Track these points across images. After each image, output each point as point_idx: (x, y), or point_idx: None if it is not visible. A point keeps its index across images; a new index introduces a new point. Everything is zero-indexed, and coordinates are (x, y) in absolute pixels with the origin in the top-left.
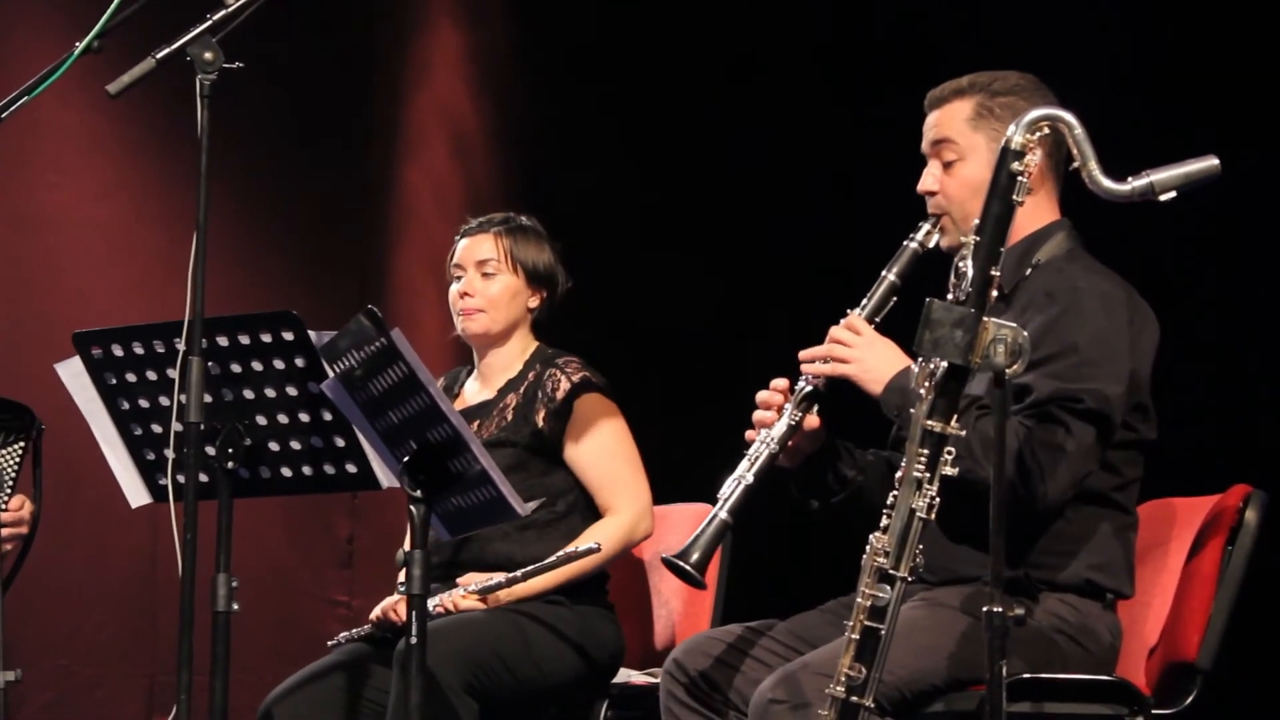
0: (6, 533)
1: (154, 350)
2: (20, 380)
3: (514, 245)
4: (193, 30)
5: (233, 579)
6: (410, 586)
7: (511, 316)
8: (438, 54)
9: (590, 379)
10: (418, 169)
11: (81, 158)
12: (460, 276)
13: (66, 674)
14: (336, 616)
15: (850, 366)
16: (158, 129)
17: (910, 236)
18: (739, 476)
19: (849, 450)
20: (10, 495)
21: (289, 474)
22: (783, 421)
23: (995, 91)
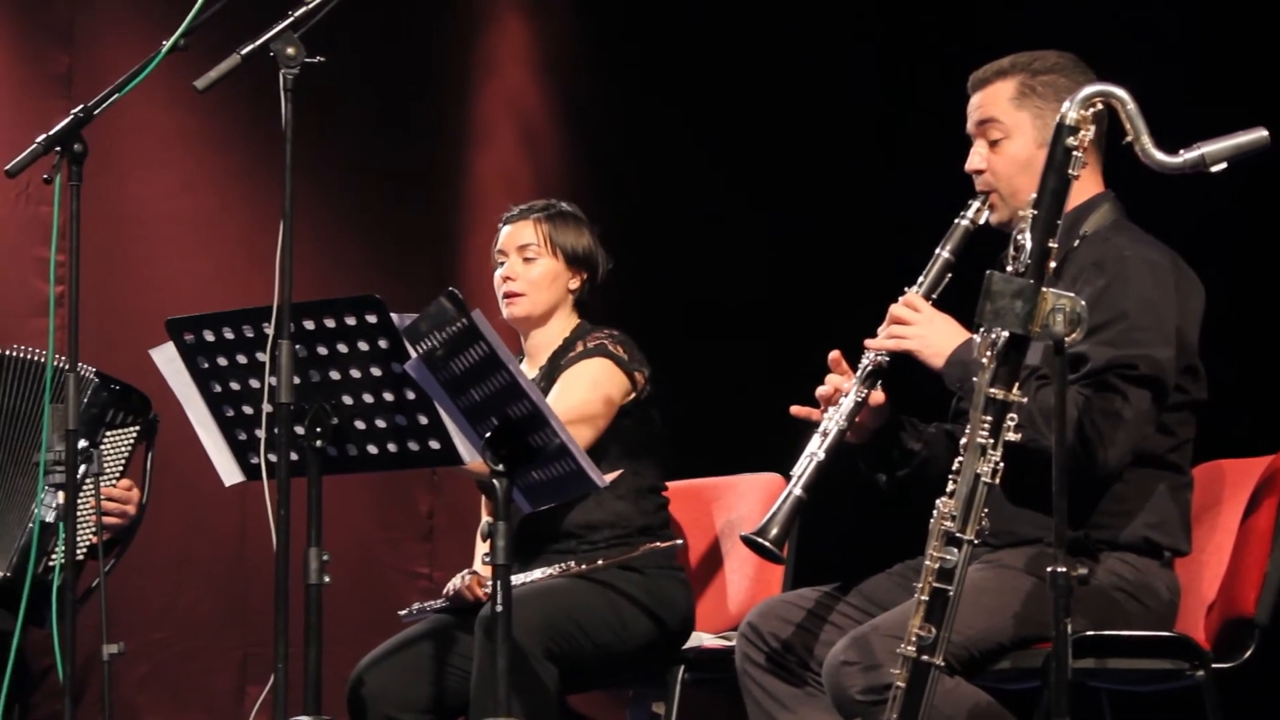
0: (114, 507)
1: (243, 335)
2: (112, 367)
3: (553, 230)
4: (276, 26)
5: (324, 553)
6: (495, 557)
7: (552, 299)
8: (504, 45)
9: (604, 346)
10: (487, 157)
11: (166, 152)
12: (503, 262)
13: (162, 647)
14: (418, 588)
15: (911, 342)
16: (239, 122)
17: (961, 214)
18: (811, 454)
19: (913, 424)
20: (120, 475)
21: (375, 451)
22: (849, 398)
23: (1036, 71)
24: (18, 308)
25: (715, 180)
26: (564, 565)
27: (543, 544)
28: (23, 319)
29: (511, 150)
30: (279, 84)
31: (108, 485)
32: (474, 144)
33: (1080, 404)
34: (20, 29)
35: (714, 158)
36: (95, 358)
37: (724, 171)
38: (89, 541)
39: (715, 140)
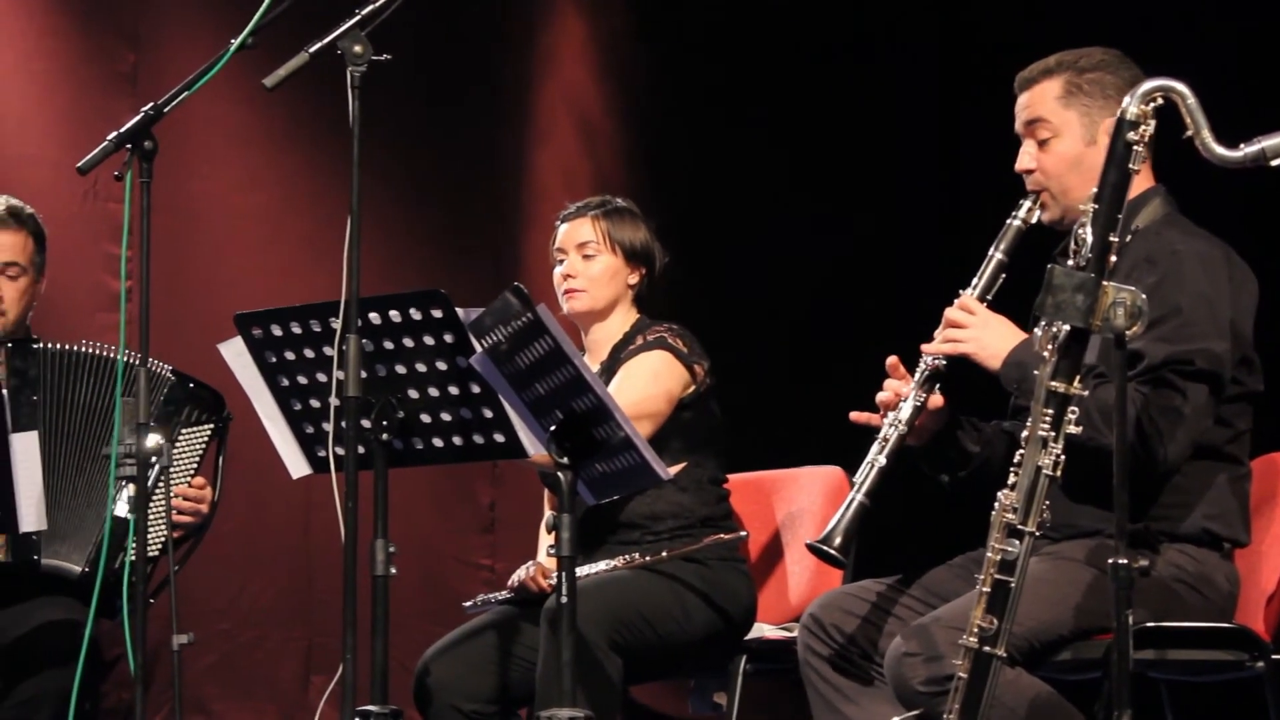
0: (188, 506)
1: (310, 329)
2: (178, 361)
3: (611, 227)
4: (343, 25)
5: (390, 545)
6: (559, 549)
7: (612, 294)
8: (563, 43)
9: (664, 339)
10: (547, 153)
11: (231, 149)
12: (562, 260)
13: (228, 637)
14: (480, 579)
15: (968, 345)
16: (303, 120)
17: (1013, 214)
18: (872, 460)
19: (972, 424)
20: (194, 473)
21: (440, 444)
22: (908, 403)
23: (1082, 69)
24: (86, 303)
25: (773, 175)
26: (628, 557)
27: (606, 536)
28: (91, 314)
29: (570, 147)
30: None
31: (181, 484)
32: (534, 141)
33: (1138, 401)
34: (87, 28)
35: (772, 154)
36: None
37: (782, 167)
38: (162, 538)
39: (773, 137)
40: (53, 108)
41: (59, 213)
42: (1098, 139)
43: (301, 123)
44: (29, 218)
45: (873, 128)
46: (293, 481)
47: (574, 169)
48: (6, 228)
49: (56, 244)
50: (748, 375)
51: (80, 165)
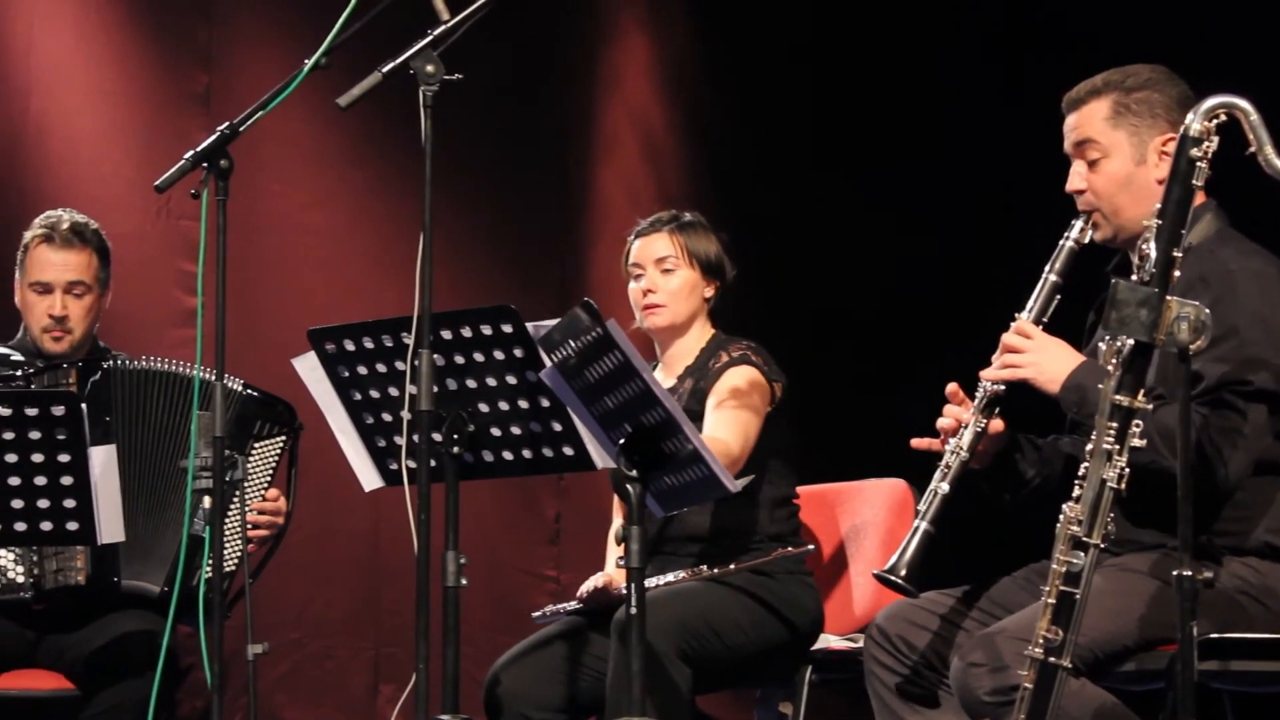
0: (265, 519)
1: (383, 344)
2: (248, 375)
3: (688, 241)
4: (415, 45)
5: (461, 556)
6: (629, 560)
7: (691, 308)
8: (627, 62)
9: (749, 356)
10: (611, 170)
11: (302, 167)
12: (639, 275)
13: (299, 647)
14: (545, 590)
15: (1026, 370)
16: (373, 138)
17: (1065, 235)
18: (935, 488)
19: (1031, 443)
20: (269, 486)
21: (510, 457)
22: (969, 429)
23: (1129, 88)
24: (159, 318)
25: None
26: (696, 569)
27: (676, 549)
28: (164, 329)
29: (634, 163)
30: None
31: (256, 498)
32: (598, 157)
33: (1197, 423)
34: (161, 50)
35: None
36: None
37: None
38: (238, 551)
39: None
40: (127, 128)
41: (133, 230)
42: (1147, 158)
43: (371, 141)
44: (93, 234)
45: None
46: (361, 494)
47: (638, 185)
48: (71, 247)
49: (130, 260)
50: (811, 389)
51: (158, 184)
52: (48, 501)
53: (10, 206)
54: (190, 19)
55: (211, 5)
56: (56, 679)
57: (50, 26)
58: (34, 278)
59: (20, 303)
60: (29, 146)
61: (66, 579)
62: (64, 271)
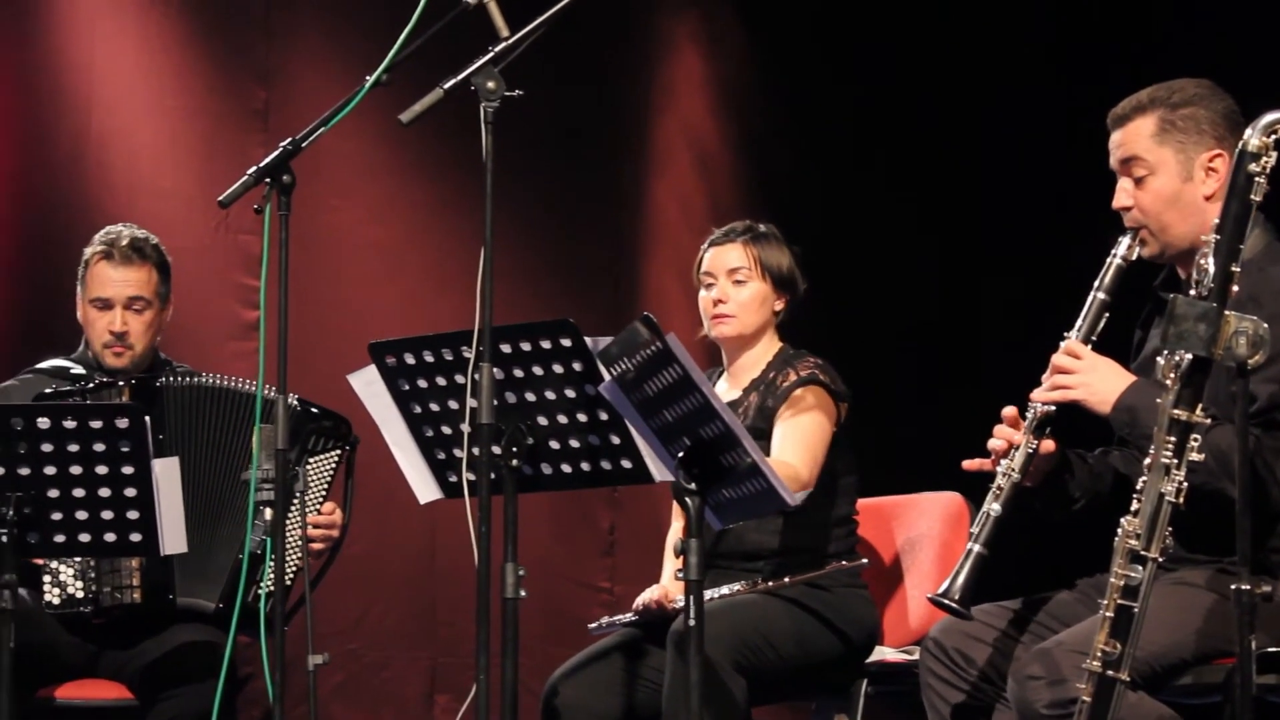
0: (319, 533)
1: (443, 358)
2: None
3: (761, 253)
4: (477, 61)
5: (519, 568)
6: (688, 573)
7: (760, 320)
8: (681, 77)
9: (817, 375)
10: (665, 184)
11: (359, 181)
12: (711, 284)
13: (355, 657)
14: (599, 602)
15: (1077, 391)
16: (429, 153)
17: (1112, 252)
18: (987, 510)
19: (1082, 459)
20: (324, 500)
21: (568, 470)
22: (1020, 450)
23: (1175, 104)
24: (218, 332)
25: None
26: (752, 581)
27: (732, 564)
28: (222, 343)
29: (688, 177)
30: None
31: (312, 512)
32: (652, 171)
33: (1251, 445)
34: (220, 66)
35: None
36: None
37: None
38: (295, 565)
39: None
40: (186, 143)
41: (191, 244)
42: (1194, 174)
43: (427, 155)
44: (152, 249)
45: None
46: (416, 506)
47: (691, 200)
48: (130, 263)
49: (189, 274)
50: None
51: (221, 199)
52: (111, 513)
53: (72, 221)
54: (249, 36)
55: (270, 22)
56: (118, 689)
57: (112, 44)
58: (94, 294)
59: (81, 318)
60: (90, 162)
61: (121, 597)
62: (124, 287)
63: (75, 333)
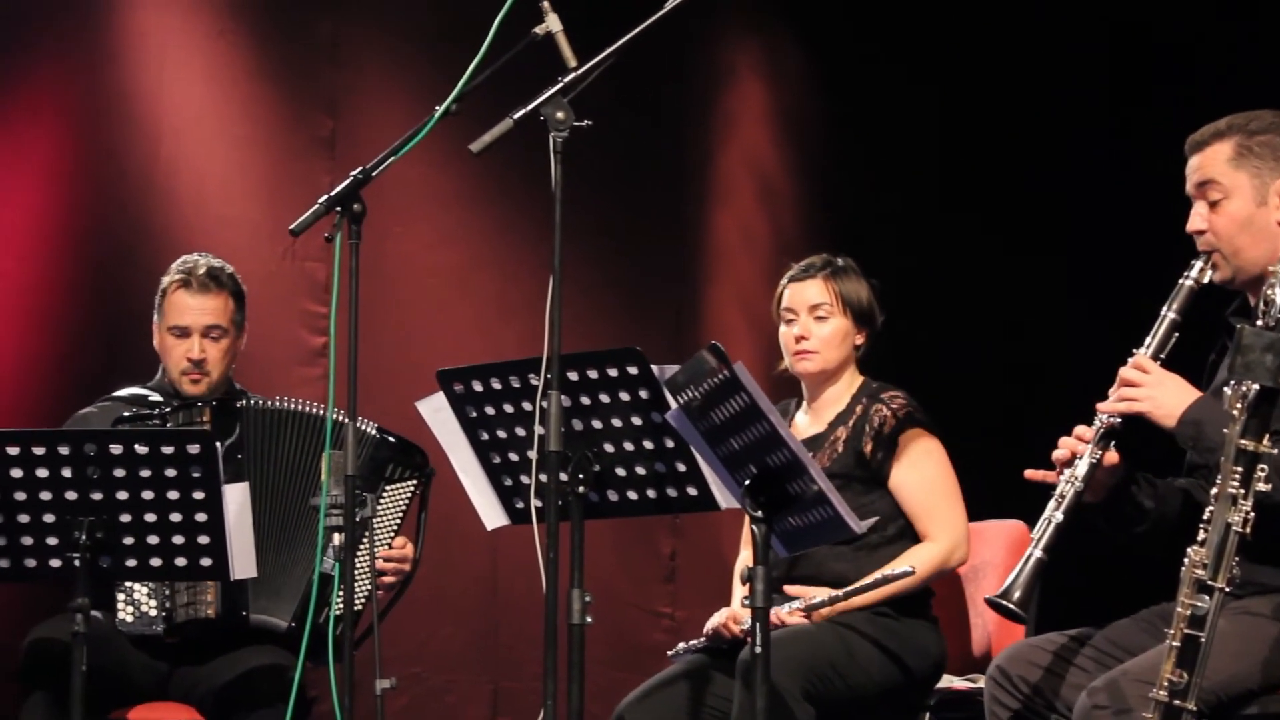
0: (390, 567)
1: (510, 385)
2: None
3: (842, 287)
4: (546, 91)
5: (586, 594)
6: (754, 600)
7: (842, 355)
8: (744, 108)
9: (913, 413)
10: (727, 214)
11: (423, 208)
12: (792, 320)
13: (419, 681)
14: (661, 627)
15: (1143, 404)
16: (493, 180)
17: (1184, 274)
18: (1049, 516)
19: (1148, 481)
20: (397, 530)
21: (634, 497)
22: (1084, 460)
23: (1252, 131)
24: (285, 358)
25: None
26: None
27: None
28: (289, 368)
29: (750, 206)
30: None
31: (386, 538)
32: (714, 200)
33: None
34: (288, 96)
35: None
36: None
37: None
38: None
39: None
40: (254, 172)
41: (259, 271)
42: (1268, 200)
43: (491, 182)
44: (228, 278)
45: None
46: (479, 531)
47: (753, 229)
48: (208, 291)
49: (256, 302)
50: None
51: (293, 227)
52: (182, 538)
53: (141, 249)
54: (316, 65)
55: (337, 51)
56: (188, 711)
57: (180, 73)
58: (172, 322)
59: (159, 346)
60: (159, 190)
61: (196, 612)
62: (201, 315)
63: (150, 361)
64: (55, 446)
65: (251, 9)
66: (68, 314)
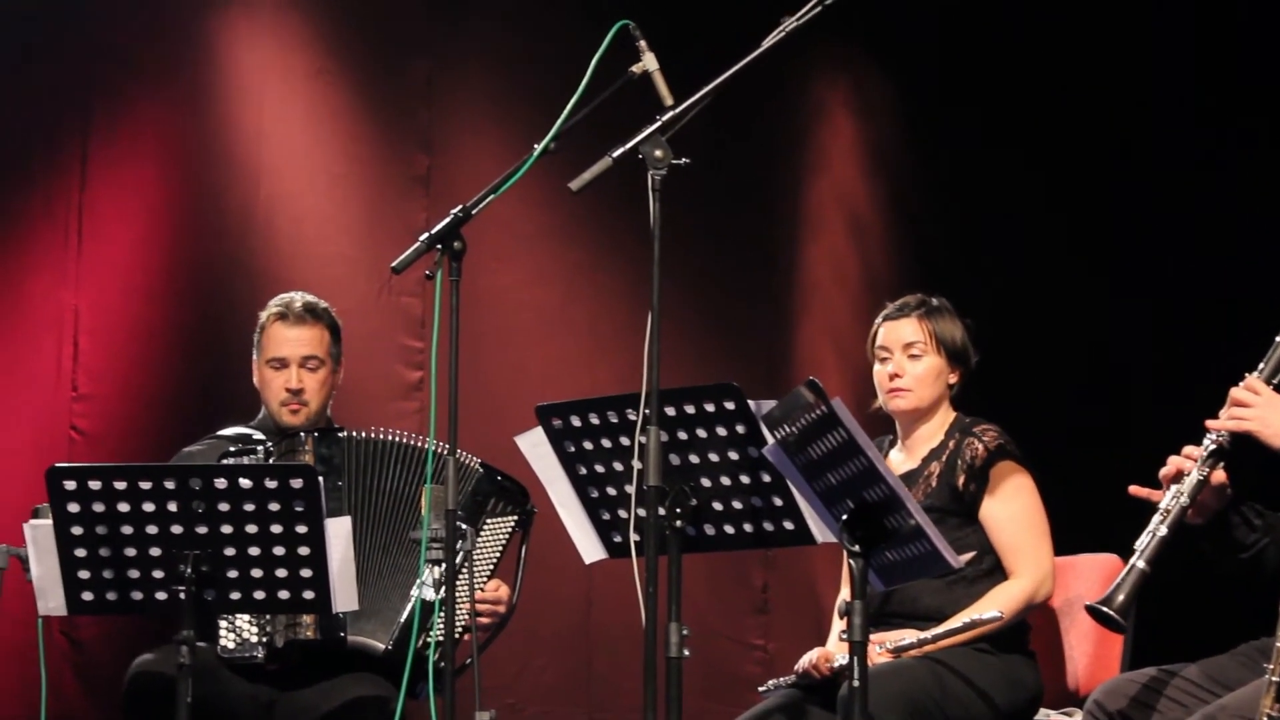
0: (485, 608)
1: (608, 420)
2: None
3: (936, 326)
4: (645, 130)
5: (684, 627)
6: (851, 634)
7: (936, 394)
8: (834, 143)
9: (1005, 446)
10: (817, 248)
11: (516, 244)
12: (886, 359)
13: (514, 711)
14: (753, 659)
15: (1252, 424)
16: (585, 216)
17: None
18: (1153, 529)
19: (1255, 510)
20: (496, 564)
21: (731, 531)
22: (1192, 476)
23: None
24: (381, 392)
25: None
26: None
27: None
28: (385, 402)
29: (840, 242)
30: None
31: (485, 572)
32: (805, 236)
33: None
34: (384, 134)
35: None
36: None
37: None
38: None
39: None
40: (351, 209)
41: (355, 307)
42: None
43: (584, 218)
44: (324, 312)
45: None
46: (574, 563)
47: (843, 264)
48: (304, 323)
49: (353, 337)
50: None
51: (395, 265)
52: (285, 571)
53: (241, 286)
54: (412, 104)
55: (432, 90)
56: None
57: (280, 113)
58: (270, 354)
59: (258, 381)
60: (259, 228)
61: (297, 634)
62: (299, 346)
63: (249, 400)
64: (161, 482)
65: (349, 50)
66: (170, 351)
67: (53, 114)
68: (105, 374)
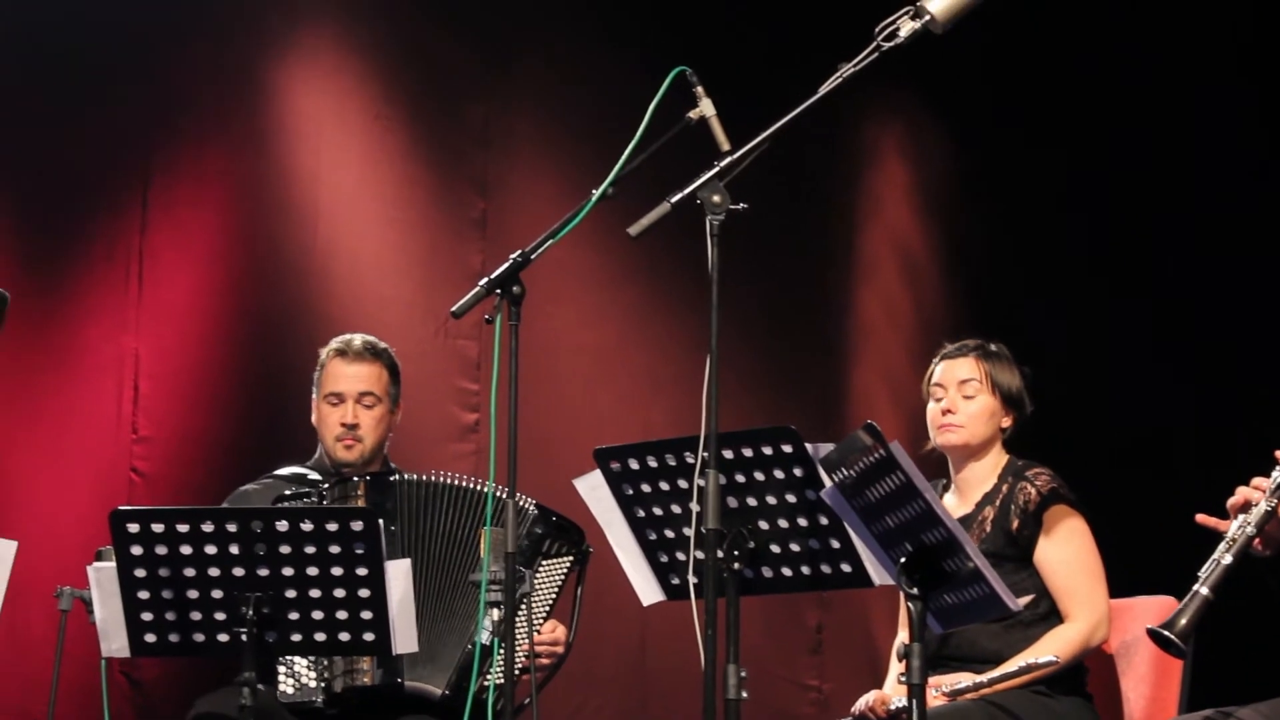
0: (542, 649)
1: (666, 463)
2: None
3: (992, 369)
4: (703, 175)
5: (741, 669)
6: (910, 677)
7: (987, 434)
8: (887, 186)
9: (1058, 490)
10: (871, 291)
11: (570, 288)
12: (940, 396)
13: None
14: (808, 700)
15: None
16: (640, 259)
17: None
18: (1217, 557)
19: None
20: (553, 605)
21: (789, 573)
22: (1260, 507)
23: None
24: (437, 433)
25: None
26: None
27: (962, 664)
28: (441, 444)
29: (894, 284)
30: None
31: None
32: (859, 278)
33: None
34: (441, 177)
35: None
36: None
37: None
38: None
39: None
40: (408, 251)
41: (412, 349)
42: None
43: (639, 261)
44: (383, 352)
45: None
46: (630, 603)
47: (897, 306)
48: (363, 360)
49: (409, 378)
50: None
51: (454, 309)
52: (346, 613)
53: (298, 329)
54: (468, 147)
55: (488, 134)
56: None
57: (336, 157)
58: (328, 389)
59: (316, 419)
60: (316, 271)
61: (355, 680)
62: (355, 382)
63: (308, 442)
64: (224, 524)
65: (405, 94)
66: (229, 394)
67: (114, 159)
68: (165, 417)
